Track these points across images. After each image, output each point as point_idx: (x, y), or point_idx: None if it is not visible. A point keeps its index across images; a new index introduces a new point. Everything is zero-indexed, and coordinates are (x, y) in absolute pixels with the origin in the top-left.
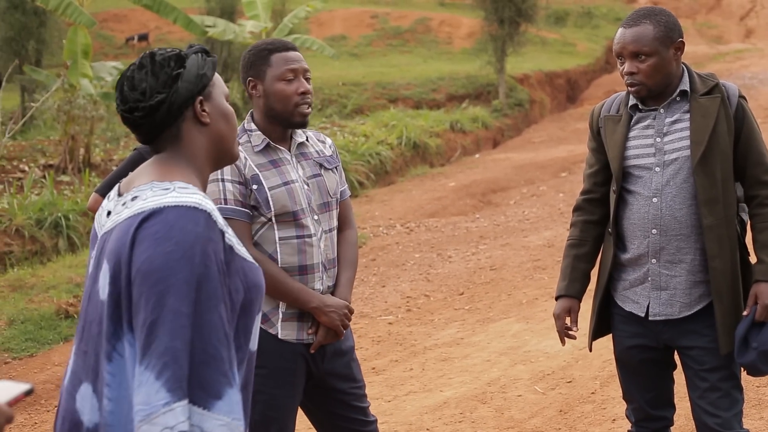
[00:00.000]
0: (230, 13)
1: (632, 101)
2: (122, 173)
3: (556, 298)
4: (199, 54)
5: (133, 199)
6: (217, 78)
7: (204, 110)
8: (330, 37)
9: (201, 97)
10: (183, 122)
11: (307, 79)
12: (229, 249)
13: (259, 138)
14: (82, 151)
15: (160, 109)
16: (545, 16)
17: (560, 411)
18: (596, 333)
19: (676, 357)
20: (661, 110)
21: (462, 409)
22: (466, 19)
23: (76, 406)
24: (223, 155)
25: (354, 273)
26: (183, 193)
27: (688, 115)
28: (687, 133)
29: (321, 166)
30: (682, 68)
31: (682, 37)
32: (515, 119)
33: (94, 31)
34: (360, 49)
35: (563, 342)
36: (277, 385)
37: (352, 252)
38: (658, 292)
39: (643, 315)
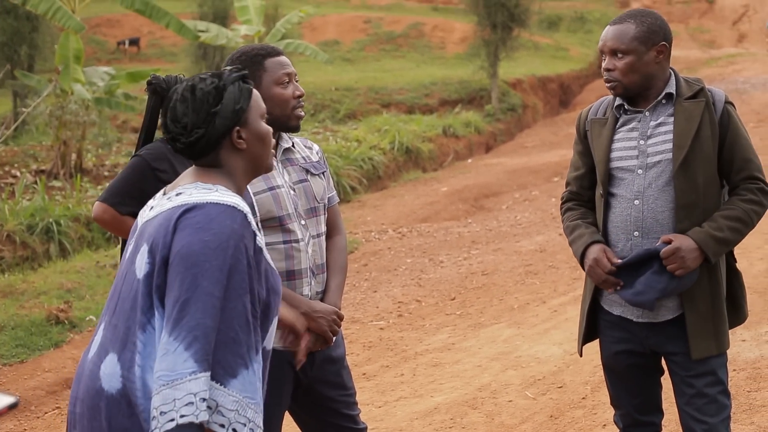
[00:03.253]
0: (223, 18)
1: (618, 101)
2: (130, 181)
3: (582, 254)
4: (236, 83)
5: (178, 194)
6: (254, 101)
7: (240, 138)
8: (323, 42)
9: (238, 128)
10: (221, 149)
11: (297, 82)
12: (259, 250)
13: None
14: (73, 156)
15: (199, 143)
16: (538, 21)
17: (551, 416)
18: (585, 338)
19: (664, 363)
20: (646, 113)
21: (452, 414)
22: (459, 24)
23: (99, 374)
24: (259, 170)
25: (344, 279)
26: (225, 193)
27: (672, 119)
28: (670, 136)
29: (307, 171)
30: (670, 72)
31: (667, 41)
32: (508, 124)
33: (86, 36)
34: (353, 54)
35: (608, 287)
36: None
37: (341, 258)
38: None
39: (632, 318)
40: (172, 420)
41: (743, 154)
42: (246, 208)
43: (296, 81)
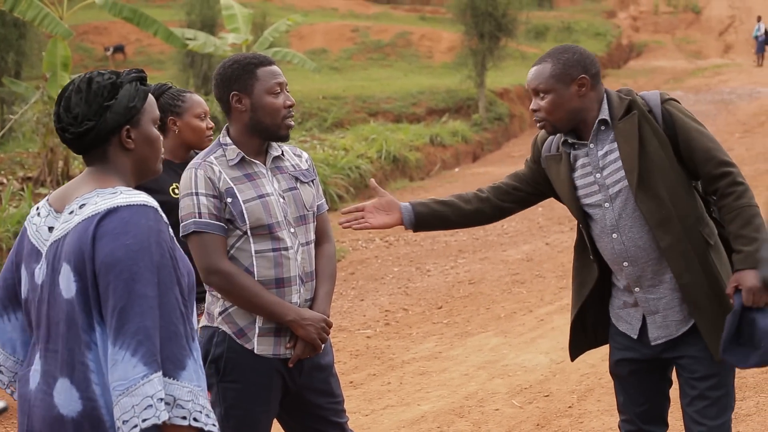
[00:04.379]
0: (211, 26)
1: (562, 137)
2: None
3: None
4: (134, 83)
5: (81, 206)
6: (149, 105)
7: (129, 137)
8: (310, 51)
9: (128, 126)
10: (109, 146)
11: (287, 92)
12: (172, 239)
13: (233, 152)
14: (60, 163)
15: (88, 135)
16: (525, 31)
17: (537, 425)
18: (576, 351)
19: (674, 376)
20: (591, 144)
21: (439, 423)
22: (447, 33)
23: (54, 401)
24: (146, 173)
25: (332, 286)
26: (130, 194)
27: (615, 144)
28: (619, 163)
29: (297, 179)
30: (603, 96)
31: (587, 74)
32: (495, 133)
33: (73, 43)
34: (340, 63)
35: (342, 219)
36: (252, 400)
37: (330, 265)
38: (653, 317)
39: (635, 337)
40: (135, 426)
41: (700, 145)
42: (154, 203)
43: (287, 91)
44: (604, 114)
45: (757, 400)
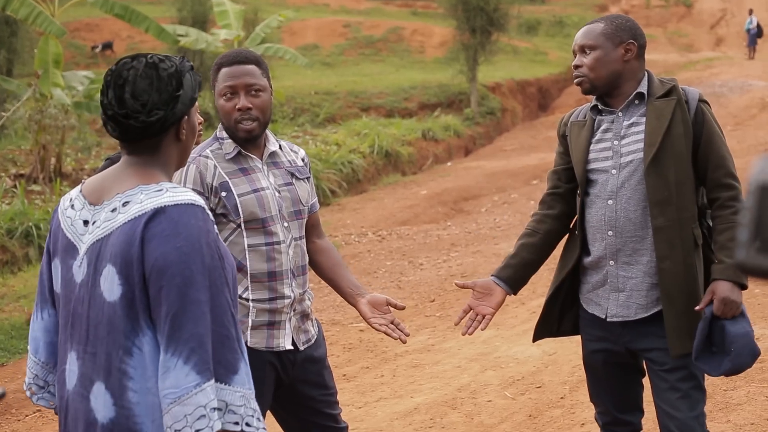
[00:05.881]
0: (202, 23)
1: (592, 103)
2: None
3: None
4: (191, 73)
5: (125, 204)
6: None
7: (184, 128)
8: (302, 47)
9: (186, 117)
10: (166, 136)
11: (256, 92)
12: (217, 236)
13: (230, 146)
14: (53, 160)
15: (156, 124)
16: (517, 25)
17: (530, 416)
18: (541, 332)
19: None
20: (620, 113)
21: (432, 414)
22: (438, 28)
23: (90, 405)
24: (182, 164)
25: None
26: (176, 192)
27: (644, 119)
28: (642, 135)
29: (292, 175)
30: (645, 73)
31: (636, 41)
32: (487, 127)
33: (65, 40)
34: (332, 58)
35: (458, 321)
36: None
37: (337, 254)
38: (616, 294)
39: (603, 317)
40: None
41: (718, 151)
42: (201, 201)
43: (253, 92)
44: (643, 88)
45: (747, 390)
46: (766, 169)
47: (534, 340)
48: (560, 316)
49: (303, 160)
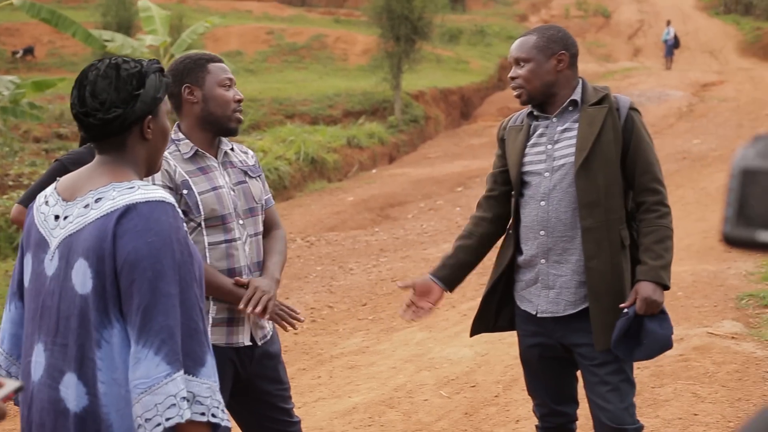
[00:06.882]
0: (127, 28)
1: (529, 109)
2: (46, 184)
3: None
4: (157, 74)
5: (97, 200)
6: (167, 97)
7: (149, 128)
8: (226, 53)
9: (150, 116)
10: (130, 135)
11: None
12: (187, 233)
13: (187, 146)
14: None
15: (114, 122)
16: (440, 34)
17: (466, 414)
18: (478, 327)
19: None
20: (554, 119)
21: (371, 413)
22: (362, 36)
23: (60, 395)
24: (153, 166)
25: (282, 259)
26: (148, 189)
27: (577, 124)
28: (574, 140)
29: (245, 173)
30: (578, 81)
31: (568, 51)
32: (411, 135)
33: None
34: (256, 65)
35: (407, 317)
36: None
37: (280, 244)
38: (546, 291)
39: (534, 313)
40: (158, 425)
41: (646, 157)
42: (171, 198)
43: (235, 88)
44: (577, 96)
45: (674, 387)
46: (746, 155)
47: (471, 335)
48: (497, 312)
49: (253, 158)
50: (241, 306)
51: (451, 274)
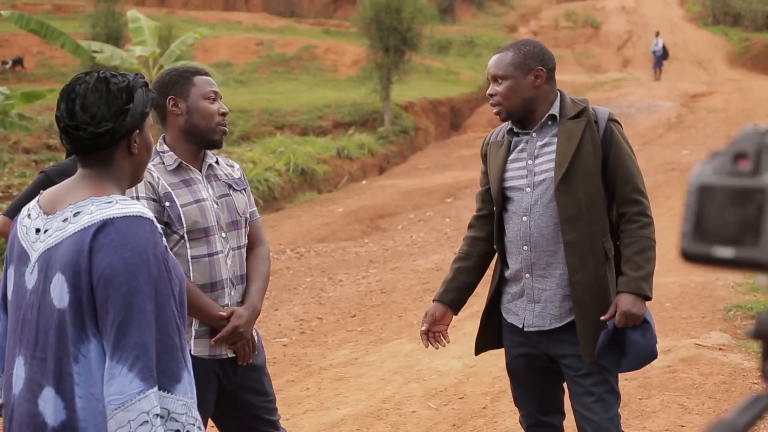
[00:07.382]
0: (116, 39)
1: (509, 125)
2: (31, 196)
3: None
4: (143, 89)
5: (76, 214)
6: (151, 111)
7: (136, 142)
8: (215, 64)
9: (137, 131)
10: (117, 149)
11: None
12: (166, 249)
13: (171, 158)
14: None
15: (104, 136)
16: (429, 45)
17: (454, 425)
18: (482, 345)
19: None
20: (533, 134)
21: (359, 425)
22: (351, 47)
23: (38, 409)
24: (136, 179)
25: (265, 284)
26: (125, 204)
27: (556, 139)
28: (554, 155)
29: (230, 186)
30: (557, 94)
31: (544, 67)
32: (401, 146)
33: None
34: (245, 76)
35: (426, 344)
36: None
37: (263, 265)
38: (532, 305)
39: (521, 326)
40: None
41: (626, 168)
42: (149, 213)
43: (221, 101)
44: (555, 110)
45: (661, 398)
46: (704, 172)
47: (476, 353)
48: (499, 328)
49: (239, 172)
50: (213, 342)
51: (456, 297)
